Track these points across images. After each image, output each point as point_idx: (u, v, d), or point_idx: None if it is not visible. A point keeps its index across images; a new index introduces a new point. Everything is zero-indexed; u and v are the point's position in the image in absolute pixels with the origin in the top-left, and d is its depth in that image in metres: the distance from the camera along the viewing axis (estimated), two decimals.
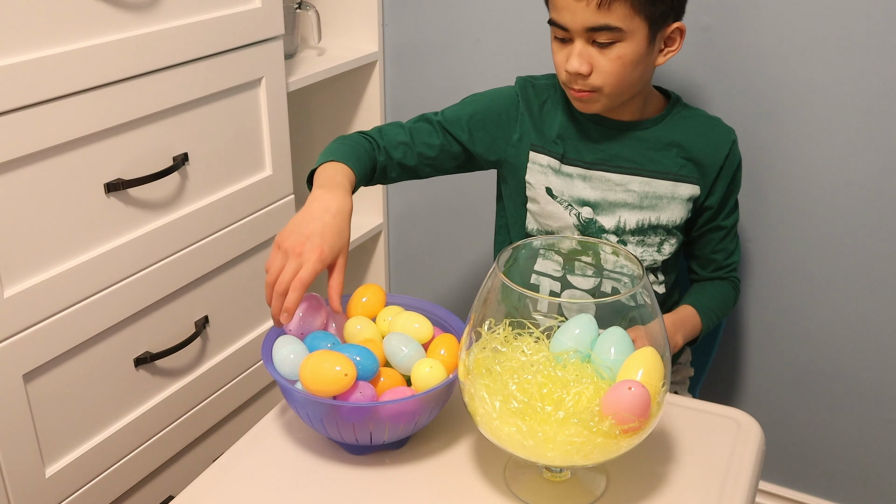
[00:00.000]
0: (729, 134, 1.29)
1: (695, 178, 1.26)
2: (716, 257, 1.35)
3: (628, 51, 1.14)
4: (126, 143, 1.24)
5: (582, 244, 1.10)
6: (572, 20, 1.13)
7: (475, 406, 0.89)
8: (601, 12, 1.11)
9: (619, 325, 0.89)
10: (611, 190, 1.26)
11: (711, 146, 1.27)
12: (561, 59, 1.19)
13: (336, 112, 1.90)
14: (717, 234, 1.33)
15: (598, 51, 1.15)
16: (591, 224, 1.27)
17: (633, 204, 1.26)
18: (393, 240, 2.01)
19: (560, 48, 1.19)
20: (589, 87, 1.17)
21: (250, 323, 1.58)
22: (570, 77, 1.17)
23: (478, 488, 0.95)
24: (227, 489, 0.96)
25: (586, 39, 1.14)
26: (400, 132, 1.26)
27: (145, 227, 1.31)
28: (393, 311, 1.06)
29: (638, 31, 1.14)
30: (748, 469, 0.99)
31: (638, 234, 1.27)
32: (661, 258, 1.29)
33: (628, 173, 1.26)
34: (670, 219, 1.27)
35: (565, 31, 1.15)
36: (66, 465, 1.26)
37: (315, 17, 1.68)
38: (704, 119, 1.29)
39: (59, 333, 1.20)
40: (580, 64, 1.15)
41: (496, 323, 0.90)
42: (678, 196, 1.26)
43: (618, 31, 1.12)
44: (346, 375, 0.91)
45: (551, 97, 1.30)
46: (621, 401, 0.83)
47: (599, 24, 1.12)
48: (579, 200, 1.27)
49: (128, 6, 1.19)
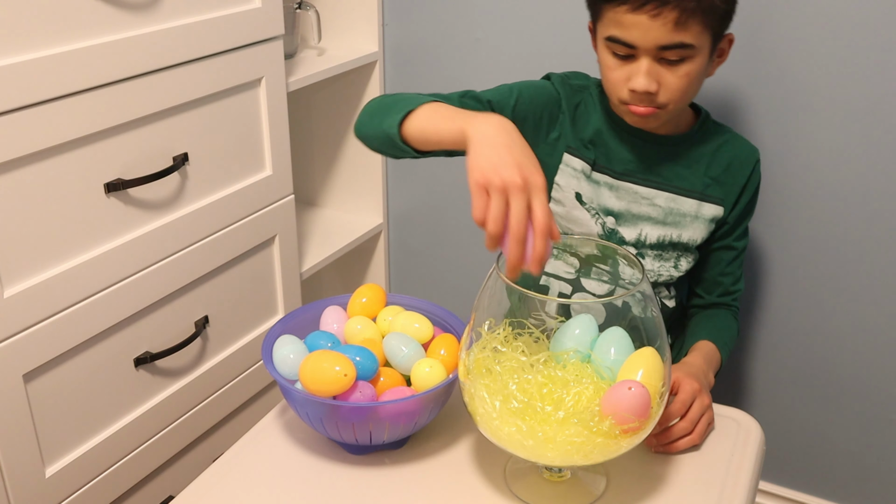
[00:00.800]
0: (753, 153, 1.28)
1: (719, 199, 1.25)
2: (723, 280, 1.32)
3: (695, 67, 1.11)
4: (126, 143, 1.24)
5: (602, 252, 1.07)
6: (643, 38, 1.08)
7: (475, 406, 0.89)
8: (677, 30, 1.07)
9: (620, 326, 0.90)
10: (636, 202, 1.25)
11: (736, 164, 1.26)
12: (620, 77, 1.13)
13: (336, 112, 1.90)
14: (727, 255, 1.31)
15: (665, 68, 1.11)
16: (613, 235, 1.26)
17: (656, 219, 1.25)
18: (393, 240, 2.01)
19: (619, 65, 1.13)
20: (654, 104, 1.13)
21: (250, 323, 1.58)
22: (635, 95, 1.13)
23: (478, 488, 0.95)
24: (227, 489, 0.96)
25: (654, 57, 1.10)
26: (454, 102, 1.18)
27: (145, 227, 1.31)
28: (393, 310, 1.06)
29: (705, 47, 1.11)
30: (748, 469, 0.99)
31: (657, 248, 1.26)
32: (678, 274, 1.28)
33: (655, 187, 1.24)
34: (691, 237, 1.26)
35: (629, 48, 1.10)
36: (66, 465, 1.26)
37: (315, 17, 1.68)
38: (731, 137, 1.28)
39: (59, 333, 1.20)
40: (649, 83, 1.10)
41: (496, 323, 0.90)
42: (702, 216, 1.25)
43: (689, 49, 1.09)
44: (345, 375, 0.91)
45: (584, 100, 1.26)
46: (621, 401, 0.83)
47: (674, 43, 1.08)
48: (605, 209, 1.25)
49: (128, 6, 1.19)
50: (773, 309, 1.63)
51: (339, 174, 1.96)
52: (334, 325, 1.06)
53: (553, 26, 1.63)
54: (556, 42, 1.64)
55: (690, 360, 1.15)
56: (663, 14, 1.06)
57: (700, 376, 1.08)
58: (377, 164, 1.90)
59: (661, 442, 1.00)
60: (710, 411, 1.03)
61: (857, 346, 1.58)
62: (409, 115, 1.02)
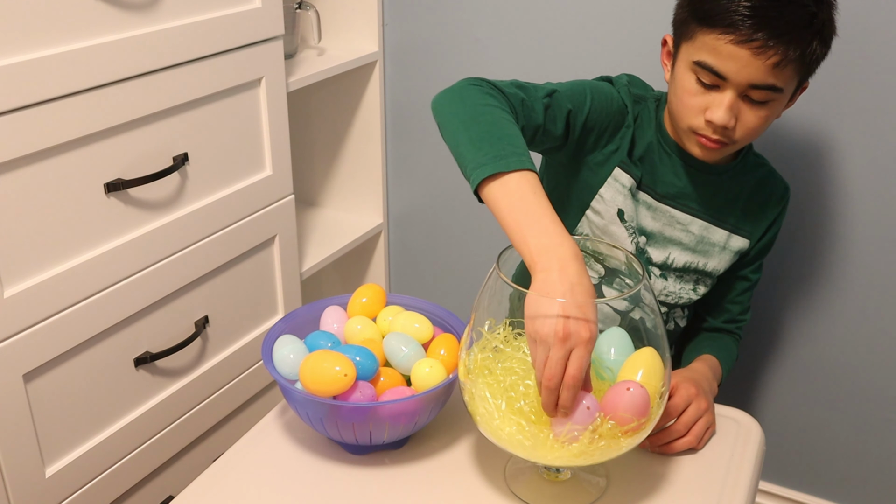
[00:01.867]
0: (786, 191, 1.28)
1: (746, 233, 1.25)
2: (732, 308, 1.32)
3: (776, 110, 1.09)
4: (126, 143, 1.24)
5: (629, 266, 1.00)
6: (738, 73, 1.04)
7: (475, 406, 0.89)
8: (774, 72, 1.04)
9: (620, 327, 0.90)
10: (670, 225, 1.23)
11: (771, 203, 1.26)
12: (699, 104, 1.09)
13: (336, 112, 1.90)
14: (740, 285, 1.31)
15: (747, 106, 1.08)
16: (641, 255, 1.24)
17: (686, 245, 1.24)
18: (393, 240, 2.01)
19: (700, 92, 1.09)
20: (726, 139, 1.10)
21: (250, 323, 1.58)
22: (711, 126, 1.09)
23: (478, 488, 0.95)
24: (227, 489, 0.96)
25: (740, 93, 1.07)
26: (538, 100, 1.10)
27: (145, 227, 1.31)
28: (393, 310, 1.06)
29: (789, 93, 1.09)
30: (748, 469, 0.99)
31: (681, 272, 1.26)
32: (695, 298, 1.28)
33: (693, 214, 1.23)
34: (715, 267, 1.26)
35: (719, 78, 1.06)
36: (66, 465, 1.26)
37: (315, 17, 1.68)
38: (767, 171, 1.27)
39: (59, 333, 1.20)
40: (729, 118, 1.07)
41: (496, 323, 0.90)
42: (729, 247, 1.25)
43: (777, 92, 1.06)
44: (345, 375, 0.91)
45: (642, 113, 1.21)
46: (620, 402, 0.83)
47: (766, 84, 1.05)
48: (640, 229, 1.23)
49: (128, 6, 1.19)
50: (772, 309, 1.63)
51: (339, 174, 1.96)
52: (334, 325, 1.06)
53: (553, 26, 1.63)
54: (556, 42, 1.64)
55: (694, 366, 1.16)
56: (767, 53, 1.02)
57: (701, 381, 1.08)
58: (377, 164, 1.90)
59: (655, 444, 1.00)
60: (709, 415, 1.03)
61: (857, 346, 1.58)
62: (494, 178, 0.90)
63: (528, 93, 1.09)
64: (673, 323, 1.32)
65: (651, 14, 1.53)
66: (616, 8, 1.56)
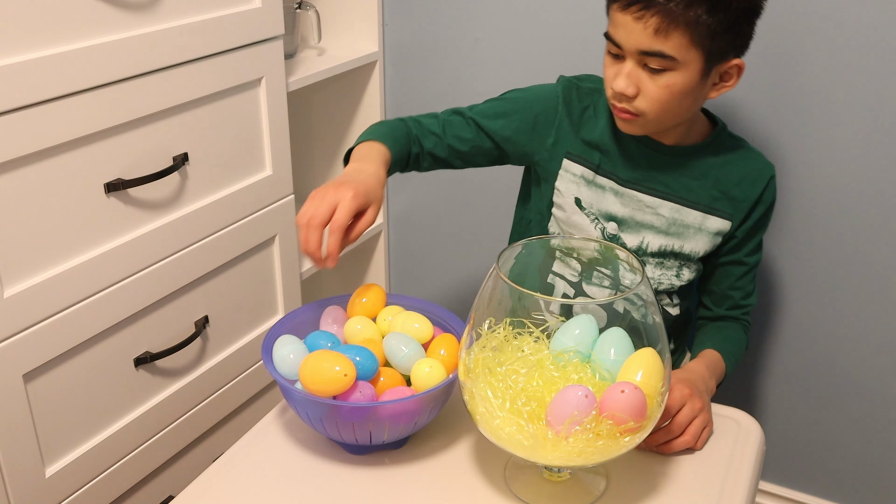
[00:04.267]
0: (768, 170, 1.26)
1: (727, 213, 1.24)
2: (733, 294, 1.31)
3: (678, 80, 1.10)
4: (126, 143, 1.24)
5: (603, 255, 1.08)
6: (627, 39, 1.09)
7: (475, 405, 0.89)
8: (657, 38, 1.07)
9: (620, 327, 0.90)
10: (640, 210, 1.24)
11: (749, 181, 1.24)
12: (610, 75, 1.15)
13: (336, 112, 1.90)
14: (736, 270, 1.29)
15: (647, 75, 1.10)
16: (614, 241, 1.25)
17: (659, 228, 1.24)
18: (393, 240, 2.01)
19: (612, 63, 1.14)
20: (633, 108, 1.13)
21: (250, 323, 1.58)
22: (616, 95, 1.14)
23: (477, 488, 0.95)
24: (227, 489, 0.96)
25: (637, 61, 1.10)
26: (434, 123, 1.25)
27: (145, 227, 1.31)
28: (393, 310, 1.06)
29: (692, 63, 1.09)
30: (748, 469, 0.99)
31: (658, 257, 1.26)
32: (679, 284, 1.28)
33: (661, 197, 1.23)
34: (693, 249, 1.25)
35: (619, 47, 1.11)
36: (66, 465, 1.26)
37: (315, 17, 1.68)
38: (746, 151, 1.26)
39: (59, 333, 1.20)
40: (627, 85, 1.11)
41: (496, 323, 0.90)
42: (705, 228, 1.24)
43: (670, 60, 1.08)
44: (345, 375, 0.91)
45: (595, 103, 1.25)
46: (616, 403, 0.83)
47: (653, 50, 1.08)
48: (607, 215, 1.25)
49: (128, 6, 1.19)
50: (773, 310, 1.63)
51: (339, 174, 1.96)
52: (334, 326, 1.06)
53: (553, 26, 1.63)
54: (556, 42, 1.64)
55: (691, 366, 1.15)
56: (645, 18, 1.06)
57: (697, 382, 1.08)
58: None
59: (651, 444, 1.00)
60: (705, 415, 1.03)
61: (858, 346, 1.58)
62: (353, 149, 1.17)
63: (451, 116, 1.26)
64: (662, 310, 1.32)
65: None
66: None
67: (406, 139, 1.21)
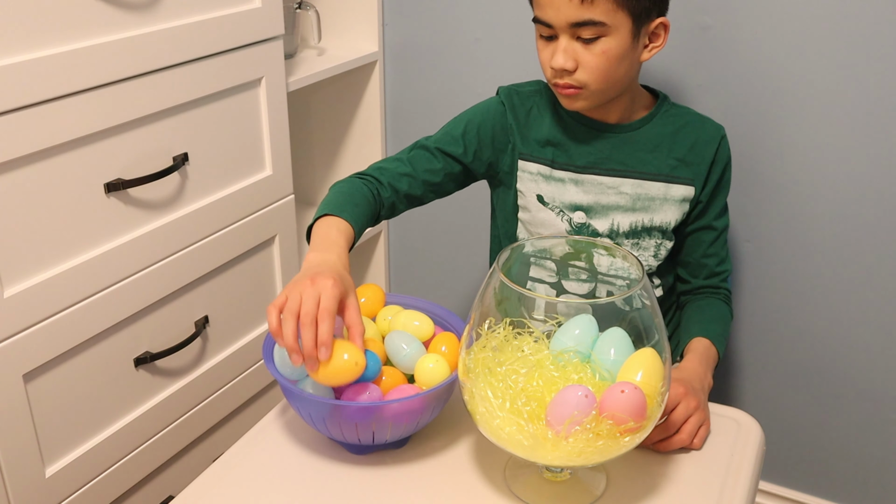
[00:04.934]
0: (717, 130, 1.28)
1: (687, 179, 1.26)
2: (707, 262, 1.32)
3: (613, 45, 1.14)
4: (126, 143, 1.24)
5: (574, 248, 1.10)
6: (556, 16, 1.14)
7: (475, 405, 0.89)
8: (584, 7, 1.11)
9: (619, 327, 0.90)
10: (603, 193, 1.26)
11: (701, 143, 1.26)
12: (546, 57, 1.19)
13: (336, 112, 1.90)
14: (707, 235, 1.31)
15: (582, 46, 1.15)
16: (584, 228, 1.27)
17: (625, 206, 1.26)
18: (393, 240, 2.01)
19: (545, 46, 1.19)
20: (575, 82, 1.17)
21: (250, 323, 1.58)
22: (556, 73, 1.17)
23: (478, 488, 0.95)
24: (227, 489, 0.96)
25: (571, 35, 1.14)
26: (399, 165, 1.25)
27: (145, 227, 1.31)
28: (392, 310, 1.06)
29: (622, 26, 1.13)
30: (748, 469, 0.99)
31: (632, 236, 1.27)
32: (657, 263, 1.28)
33: (620, 175, 1.25)
34: (664, 220, 1.26)
35: (549, 27, 1.15)
36: (66, 465, 1.26)
37: (315, 17, 1.68)
38: (692, 117, 1.29)
39: (59, 333, 1.20)
40: (565, 60, 1.15)
41: (496, 322, 0.90)
42: (671, 197, 1.26)
43: (601, 26, 1.12)
44: (356, 364, 0.91)
45: (537, 103, 1.29)
46: (616, 403, 0.83)
47: (583, 20, 1.12)
48: (571, 205, 1.26)
49: (128, 6, 1.19)
50: (773, 310, 1.63)
51: (339, 174, 1.96)
52: None
53: None
54: None
55: (686, 364, 1.15)
56: None
57: (692, 380, 1.08)
58: None
59: (646, 442, 1.00)
60: (700, 413, 1.03)
61: (858, 345, 1.58)
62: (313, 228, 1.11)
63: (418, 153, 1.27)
64: None
65: None
66: None
67: (368, 199, 1.18)
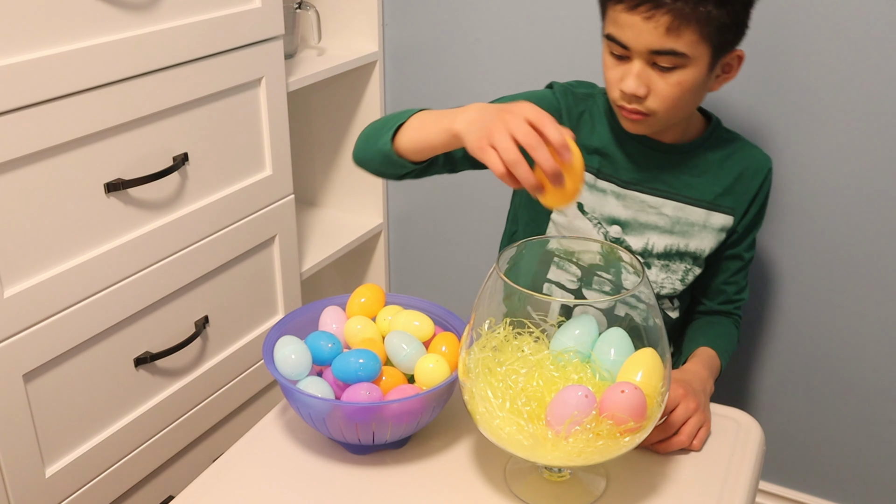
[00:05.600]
0: (765, 162, 1.26)
1: (729, 209, 1.24)
2: (727, 289, 1.31)
3: (689, 77, 1.09)
4: (126, 143, 1.24)
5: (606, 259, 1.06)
6: (635, 40, 1.07)
7: (475, 405, 0.89)
8: (669, 37, 1.05)
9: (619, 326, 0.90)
10: (643, 211, 1.23)
11: (748, 174, 1.24)
12: (615, 77, 1.12)
13: (336, 112, 1.90)
14: (733, 264, 1.30)
15: (657, 73, 1.09)
16: (619, 244, 1.23)
17: (663, 228, 1.23)
18: (393, 240, 2.01)
19: (615, 64, 1.12)
20: (643, 108, 1.12)
21: (250, 323, 1.58)
22: (624, 97, 1.12)
23: (478, 488, 0.95)
24: (227, 489, 0.96)
25: (646, 61, 1.08)
26: None
27: (145, 227, 1.31)
28: (392, 310, 1.06)
29: (701, 58, 1.08)
30: (748, 469, 0.99)
31: (664, 258, 1.25)
32: (682, 288, 1.27)
33: (663, 196, 1.23)
34: (699, 247, 1.25)
35: (624, 48, 1.09)
36: (66, 465, 1.26)
37: (315, 17, 1.68)
38: (742, 144, 1.26)
39: (59, 333, 1.20)
40: (637, 86, 1.09)
41: (496, 322, 0.90)
42: (710, 225, 1.24)
43: (682, 57, 1.07)
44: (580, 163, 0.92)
45: (589, 109, 1.24)
46: (615, 404, 0.83)
47: (665, 49, 1.06)
48: (609, 218, 1.24)
49: (128, 6, 1.19)
50: (773, 309, 1.63)
51: (339, 174, 1.96)
52: (333, 326, 1.06)
53: (553, 27, 1.63)
54: (556, 43, 1.64)
55: (688, 366, 1.15)
56: (656, 17, 1.05)
57: (693, 382, 1.08)
58: None
59: (645, 442, 1.00)
60: (700, 415, 1.02)
61: (858, 345, 1.58)
62: (400, 128, 1.06)
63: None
64: (662, 313, 1.31)
65: None
66: None
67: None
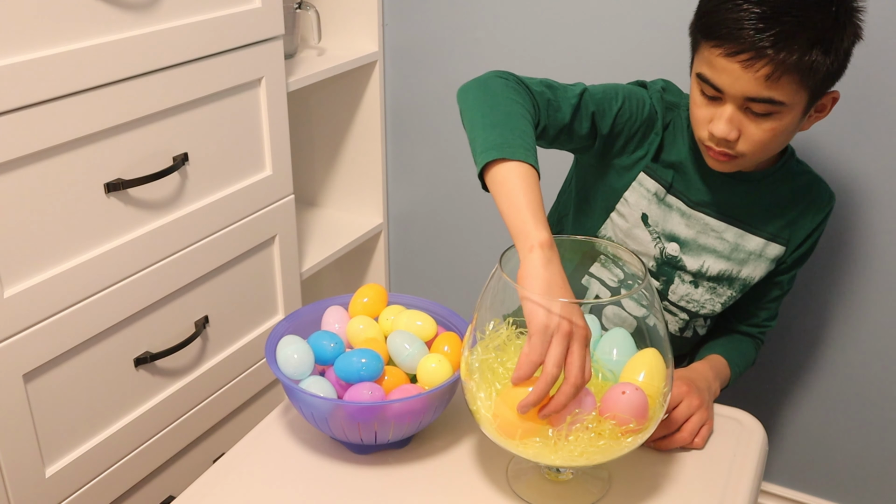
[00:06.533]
0: (830, 199, 1.24)
1: (784, 240, 1.22)
2: (759, 313, 1.30)
3: (783, 124, 1.05)
4: (126, 143, 1.24)
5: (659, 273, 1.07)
6: (731, 86, 1.03)
7: (477, 405, 0.89)
8: (768, 86, 1.01)
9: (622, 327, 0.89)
10: (705, 233, 1.21)
11: (812, 210, 1.23)
12: (704, 117, 1.08)
13: (336, 112, 1.89)
14: (773, 291, 1.29)
15: (750, 119, 1.05)
16: (674, 261, 1.22)
17: (721, 252, 1.22)
18: (393, 240, 2.00)
19: (705, 104, 1.08)
20: (732, 151, 1.08)
21: (250, 323, 1.58)
22: (713, 138, 1.08)
23: (480, 488, 0.95)
24: (228, 489, 0.96)
25: (739, 106, 1.05)
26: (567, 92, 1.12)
27: (145, 227, 1.30)
28: (395, 310, 1.06)
29: (798, 105, 1.04)
30: (750, 469, 0.99)
31: (713, 281, 1.23)
32: (720, 310, 1.27)
33: (728, 222, 1.21)
34: (750, 275, 1.24)
35: (717, 91, 1.05)
36: (66, 465, 1.26)
37: (315, 17, 1.68)
38: (811, 179, 1.24)
39: (59, 333, 1.20)
40: (729, 130, 1.05)
41: (499, 322, 0.90)
42: (765, 255, 1.23)
43: (779, 105, 1.03)
44: None
45: (675, 120, 1.19)
46: (617, 404, 0.83)
47: (762, 97, 1.02)
48: (670, 235, 1.21)
49: (128, 6, 1.19)
50: None
51: (339, 174, 1.96)
52: (336, 325, 1.05)
53: (553, 27, 1.63)
54: (557, 42, 1.64)
55: (695, 366, 1.15)
56: (756, 66, 1.00)
57: (697, 380, 1.08)
58: (377, 164, 1.90)
59: (647, 441, 1.00)
60: (703, 413, 1.02)
61: (859, 346, 1.58)
62: (495, 164, 0.94)
63: (556, 93, 1.11)
64: (692, 331, 1.31)
65: (651, 14, 1.53)
66: (617, 8, 1.56)
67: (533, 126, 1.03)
